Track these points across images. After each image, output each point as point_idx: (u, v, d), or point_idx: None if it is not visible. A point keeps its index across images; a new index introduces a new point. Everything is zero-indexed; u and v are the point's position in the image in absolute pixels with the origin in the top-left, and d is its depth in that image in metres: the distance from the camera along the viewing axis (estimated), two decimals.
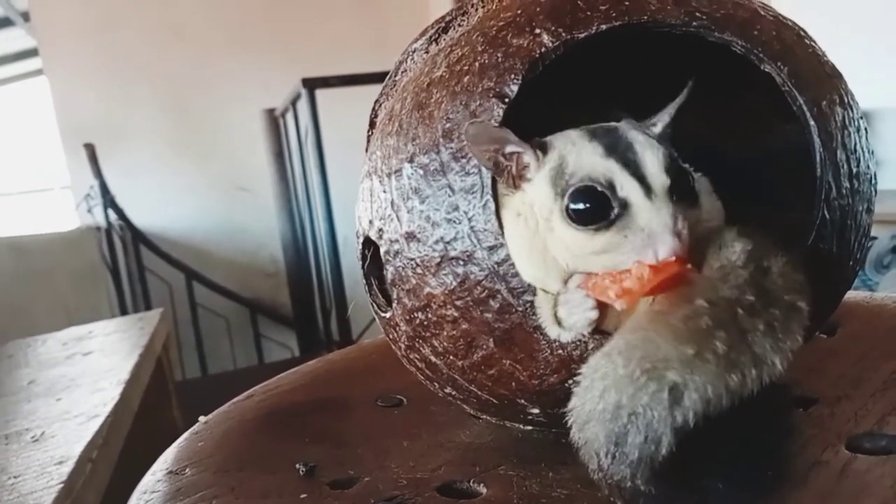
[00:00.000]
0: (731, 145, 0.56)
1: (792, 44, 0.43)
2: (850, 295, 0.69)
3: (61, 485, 0.88)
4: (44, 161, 4.71)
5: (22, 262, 3.11)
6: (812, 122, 0.41)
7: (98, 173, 3.57)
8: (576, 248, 0.39)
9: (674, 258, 0.36)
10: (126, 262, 3.80)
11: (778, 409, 0.50)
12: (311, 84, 2.73)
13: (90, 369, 1.48)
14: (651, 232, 0.37)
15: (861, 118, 0.44)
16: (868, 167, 0.43)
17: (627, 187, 0.38)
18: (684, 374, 0.34)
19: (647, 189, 0.38)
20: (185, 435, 0.58)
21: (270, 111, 3.40)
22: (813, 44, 0.45)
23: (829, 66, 0.45)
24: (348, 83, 2.72)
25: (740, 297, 0.36)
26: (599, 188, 0.38)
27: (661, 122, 0.42)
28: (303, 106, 2.78)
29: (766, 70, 0.41)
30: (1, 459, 1.02)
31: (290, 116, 3.18)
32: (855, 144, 0.42)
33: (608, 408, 0.35)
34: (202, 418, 0.60)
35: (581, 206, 0.38)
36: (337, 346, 3.08)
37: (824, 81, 0.43)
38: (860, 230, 0.43)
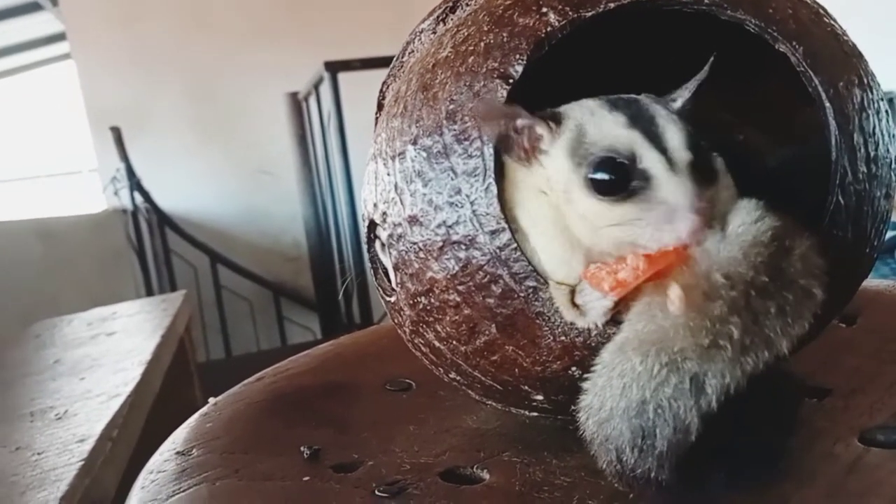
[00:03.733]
0: (747, 127, 0.55)
1: (809, 22, 0.41)
2: (873, 283, 0.68)
3: (82, 462, 0.90)
4: (72, 144, 4.78)
5: (50, 243, 3.17)
6: (828, 104, 0.39)
7: (124, 156, 3.60)
8: (594, 220, 0.38)
9: (671, 248, 0.36)
10: (152, 245, 3.84)
11: (790, 400, 0.49)
12: (334, 67, 2.73)
13: (113, 349, 1.51)
14: (672, 207, 0.36)
15: (882, 100, 0.42)
16: (888, 151, 0.42)
17: (649, 160, 0.37)
18: (702, 363, 0.34)
19: (670, 163, 0.37)
20: (195, 416, 0.58)
21: (293, 95, 3.41)
22: (832, 22, 0.43)
23: (849, 46, 0.43)
24: (370, 66, 2.71)
25: (755, 277, 0.35)
26: (621, 159, 0.37)
27: (680, 97, 0.41)
28: (325, 89, 2.79)
29: (781, 50, 0.40)
30: (26, 436, 1.05)
31: (312, 100, 3.18)
32: (874, 127, 0.41)
33: (632, 405, 0.35)
34: (212, 399, 0.61)
35: (602, 175, 0.38)
36: (358, 328, 3.10)
37: (843, 61, 0.41)
38: (877, 216, 0.42)
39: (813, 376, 0.51)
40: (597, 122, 0.39)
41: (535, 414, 0.50)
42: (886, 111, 0.43)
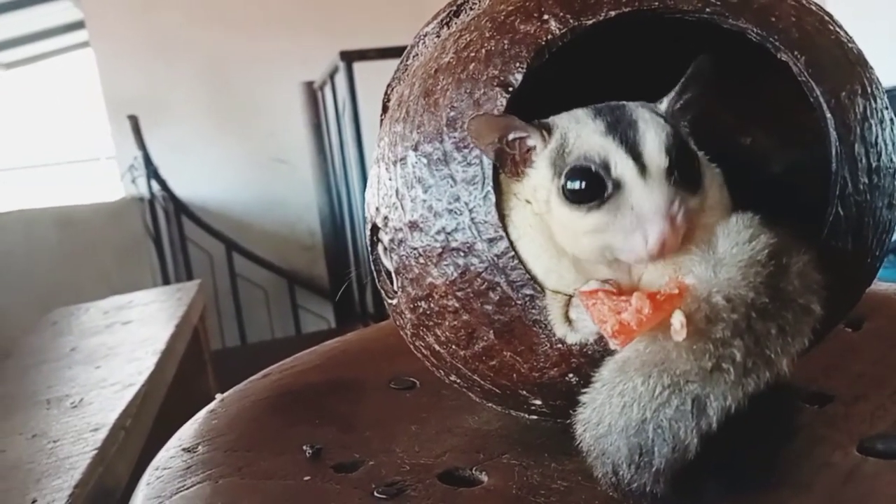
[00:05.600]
0: (756, 129, 0.55)
1: (812, 31, 0.40)
2: (881, 287, 0.67)
3: (95, 451, 0.92)
4: (91, 132, 4.82)
5: (68, 231, 3.21)
6: (829, 115, 0.39)
7: (141, 145, 3.63)
8: (571, 229, 0.39)
9: (676, 290, 0.36)
10: (168, 233, 3.88)
11: (791, 406, 0.49)
12: (349, 57, 2.73)
13: (128, 338, 1.53)
14: (641, 213, 0.36)
15: (886, 108, 0.42)
16: (891, 161, 0.41)
17: (622, 166, 0.37)
18: (704, 386, 0.35)
19: (643, 169, 0.37)
20: (202, 412, 0.59)
21: (309, 84, 3.42)
22: (838, 30, 0.43)
23: (854, 54, 0.42)
24: (386, 56, 2.70)
25: (755, 298, 0.35)
26: (594, 167, 0.38)
27: (666, 98, 0.41)
28: (341, 79, 2.79)
29: (783, 59, 0.39)
30: (42, 423, 1.07)
31: (328, 89, 3.18)
32: (876, 137, 0.40)
33: (631, 423, 0.35)
34: (219, 396, 0.62)
35: (576, 184, 0.38)
36: (372, 318, 3.12)
37: (846, 70, 0.41)
38: (879, 227, 0.41)
39: (815, 382, 0.51)
40: (577, 131, 0.39)
41: (535, 417, 0.50)
42: (891, 119, 0.42)
